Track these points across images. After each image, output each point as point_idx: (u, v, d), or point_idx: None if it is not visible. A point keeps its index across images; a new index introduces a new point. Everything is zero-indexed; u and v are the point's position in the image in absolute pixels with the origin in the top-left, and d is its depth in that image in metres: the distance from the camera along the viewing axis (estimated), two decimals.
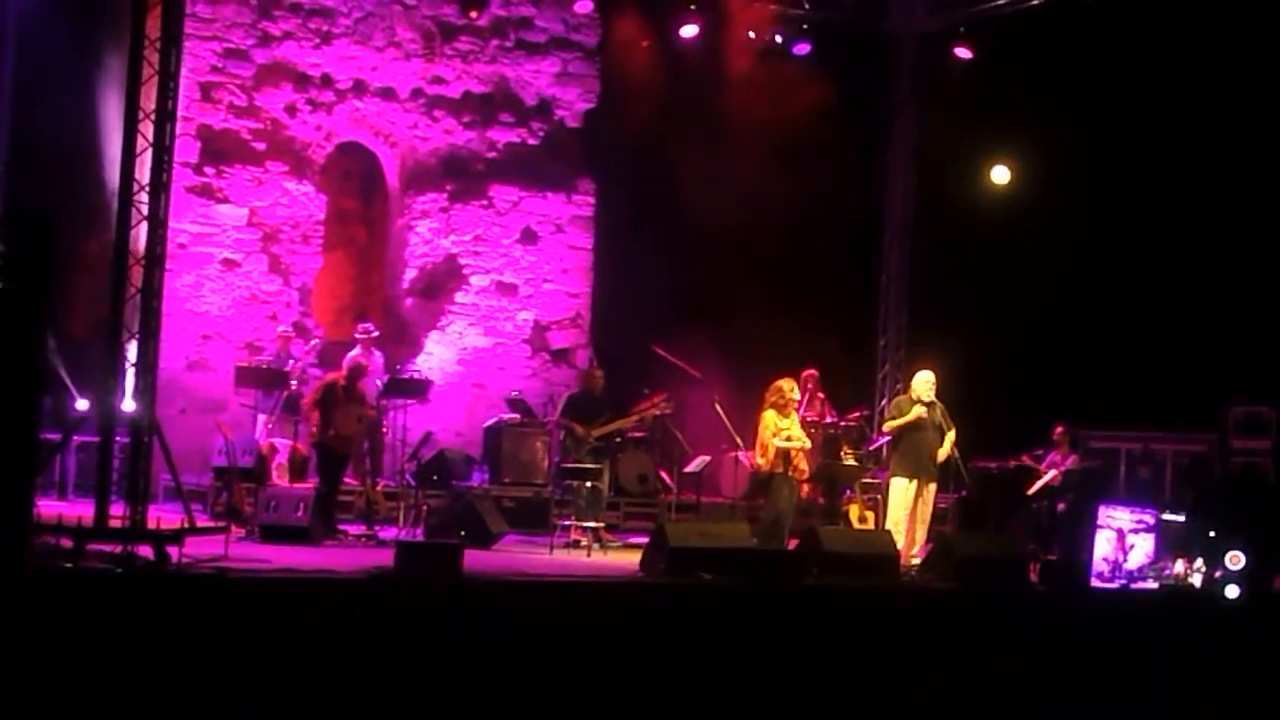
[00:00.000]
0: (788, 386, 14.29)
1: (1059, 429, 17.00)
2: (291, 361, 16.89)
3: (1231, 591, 13.59)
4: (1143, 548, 13.96)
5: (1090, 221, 18.84)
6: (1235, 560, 13.66)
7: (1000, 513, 17.02)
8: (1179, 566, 14.01)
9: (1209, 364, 18.10)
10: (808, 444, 14.44)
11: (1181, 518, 14.68)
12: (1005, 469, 17.26)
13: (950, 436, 14.39)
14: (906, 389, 15.08)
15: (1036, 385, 18.39)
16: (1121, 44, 18.26)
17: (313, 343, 18.34)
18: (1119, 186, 18.79)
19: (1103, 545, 13.79)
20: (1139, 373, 18.49)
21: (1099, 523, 13.86)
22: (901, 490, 14.42)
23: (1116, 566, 13.88)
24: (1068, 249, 18.90)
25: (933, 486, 14.48)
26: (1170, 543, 14.29)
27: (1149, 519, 14.10)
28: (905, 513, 14.32)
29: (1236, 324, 18.40)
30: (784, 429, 14.04)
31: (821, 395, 18.42)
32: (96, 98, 16.36)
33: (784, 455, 13.99)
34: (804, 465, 14.36)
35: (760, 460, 14.08)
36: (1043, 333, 19.18)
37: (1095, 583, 13.66)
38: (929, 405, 14.44)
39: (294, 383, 16.17)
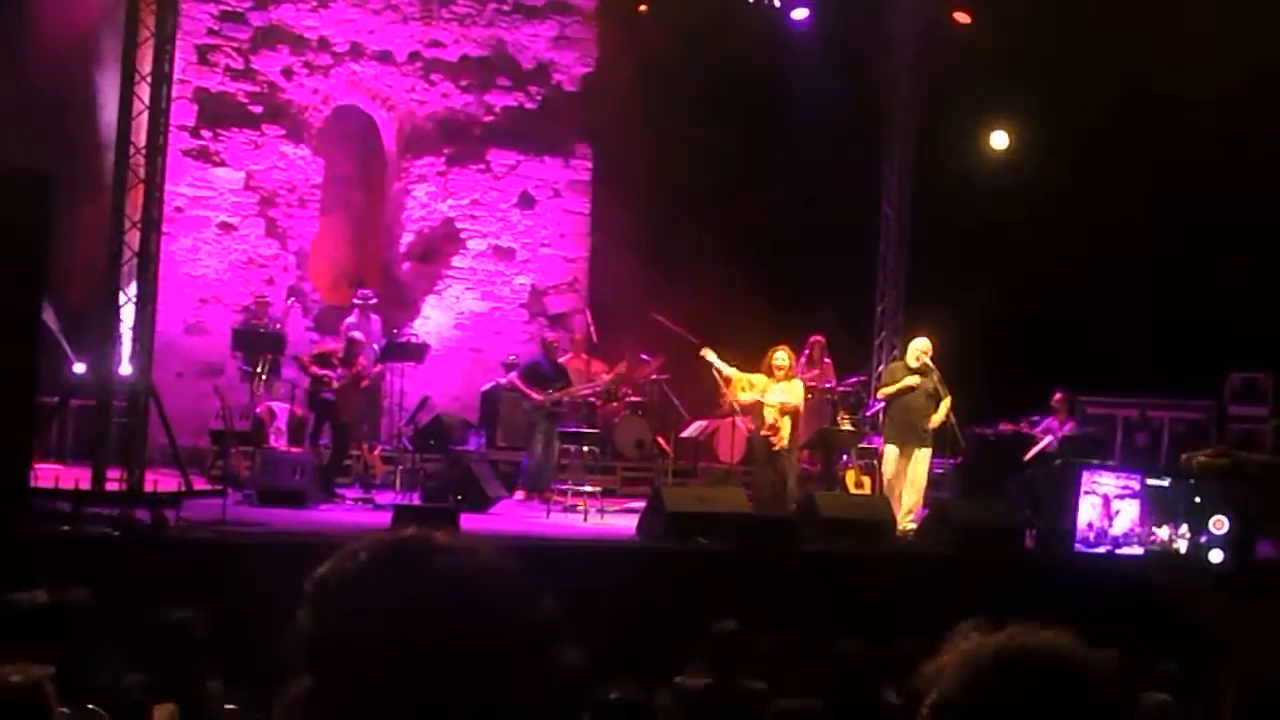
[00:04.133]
0: (771, 351, 14.45)
1: (1058, 395, 16.98)
2: (269, 323, 16.78)
3: (1215, 556, 13.62)
4: (1128, 513, 13.98)
5: (1089, 186, 18.82)
6: (1219, 525, 13.69)
7: (996, 479, 17.03)
8: (1164, 532, 14.04)
9: (1206, 330, 18.08)
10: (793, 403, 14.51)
11: (1166, 483, 14.70)
12: (1002, 435, 17.27)
13: (945, 404, 14.43)
14: (904, 355, 15.13)
15: (1033, 351, 18.37)
16: (1121, 7, 18.21)
17: (290, 301, 18.12)
18: (1118, 151, 18.76)
19: (1088, 511, 13.80)
20: (1136, 339, 18.48)
21: (1085, 488, 13.87)
22: (889, 456, 14.53)
23: (1102, 532, 13.89)
24: (1066, 214, 18.88)
25: (923, 452, 14.47)
26: (1156, 508, 14.32)
27: (1134, 484, 14.12)
28: (894, 478, 14.42)
29: (1234, 290, 18.37)
30: (757, 386, 14.18)
31: (827, 360, 18.42)
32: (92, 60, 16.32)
33: (761, 417, 14.14)
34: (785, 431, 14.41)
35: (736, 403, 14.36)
36: (1040, 299, 19.16)
37: (1079, 548, 13.68)
38: (922, 372, 14.48)
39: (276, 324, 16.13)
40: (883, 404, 15.24)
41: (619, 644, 9.31)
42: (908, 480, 14.38)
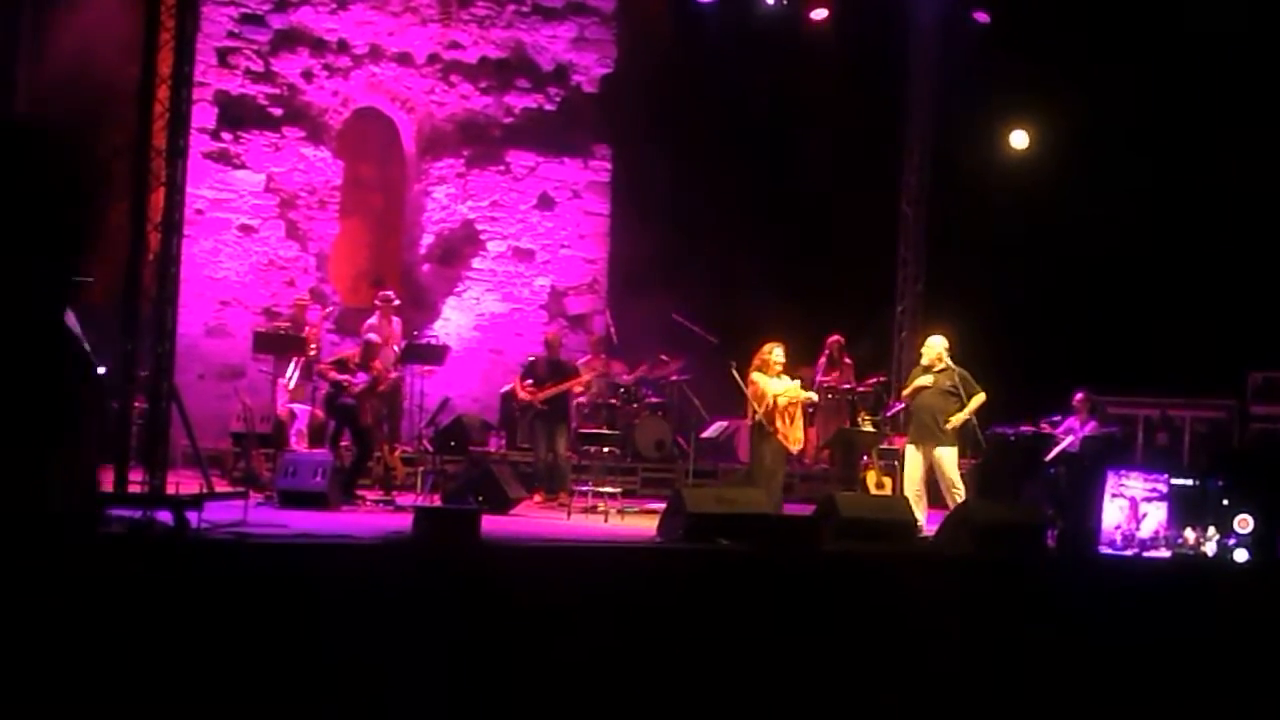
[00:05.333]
0: (766, 349, 14.44)
1: (1079, 395, 16.89)
2: (307, 328, 16.94)
3: (1240, 555, 13.53)
4: (1156, 516, 13.89)
5: (1109, 186, 18.78)
6: (1244, 524, 13.59)
7: (1017, 479, 16.97)
8: (1189, 535, 13.95)
9: (1228, 330, 18.04)
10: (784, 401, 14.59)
11: (1191, 482, 14.60)
12: (1022, 435, 17.21)
13: (973, 401, 14.37)
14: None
15: (1054, 351, 18.35)
16: (1141, 5, 18.17)
17: (328, 309, 18.36)
18: (1138, 150, 18.72)
19: (1115, 514, 13.72)
20: (1157, 339, 18.44)
21: (1112, 491, 13.80)
22: (906, 456, 14.54)
23: (1129, 536, 13.81)
24: (1086, 214, 18.84)
25: (942, 451, 14.40)
26: (1183, 510, 14.22)
27: (1162, 487, 14.04)
28: (912, 478, 14.42)
29: (1256, 289, 18.33)
30: (774, 390, 14.28)
31: (848, 361, 18.41)
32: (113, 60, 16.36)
33: (768, 415, 14.15)
34: (789, 430, 14.47)
35: (756, 410, 14.21)
36: (1060, 298, 19.13)
37: (1105, 550, 13.61)
38: (938, 370, 14.46)
39: (312, 348, 16.20)
40: (903, 405, 15.25)
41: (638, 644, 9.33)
42: (945, 482, 14.37)
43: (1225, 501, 14.00)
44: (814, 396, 15.22)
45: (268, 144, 18.40)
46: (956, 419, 14.37)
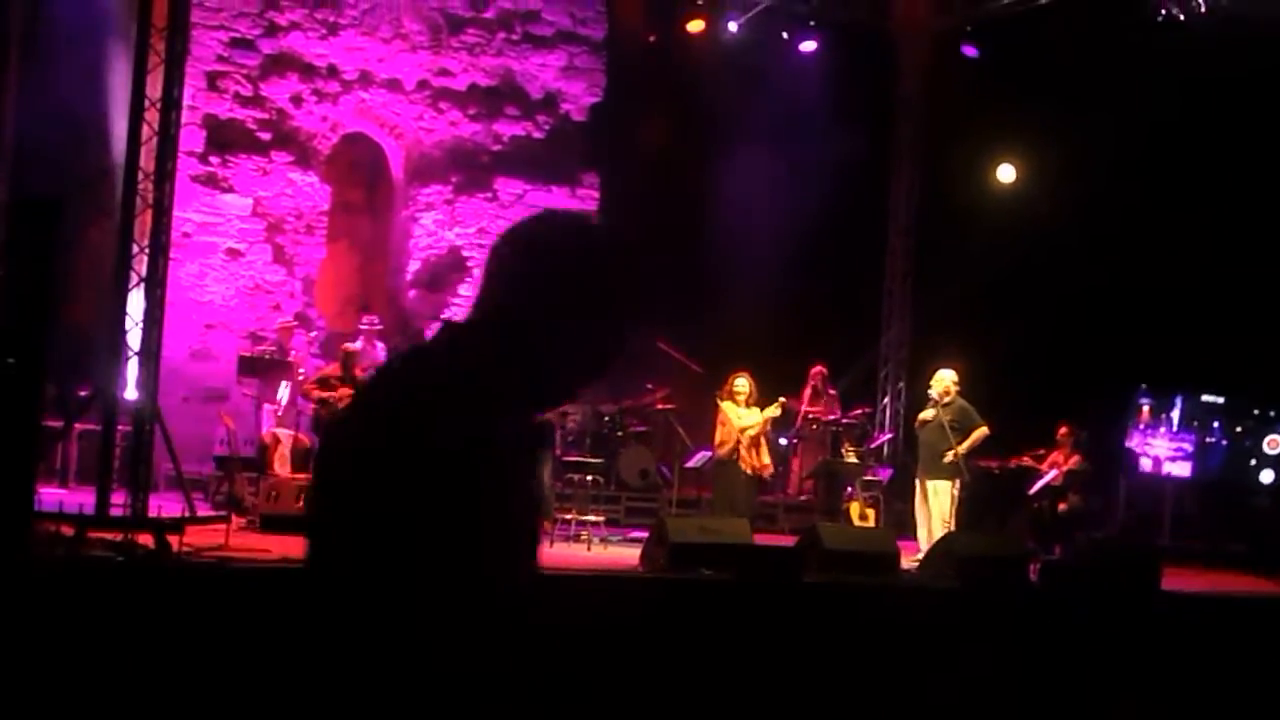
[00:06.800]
0: (732, 379, 15.00)
1: (1063, 429, 16.93)
2: (292, 353, 16.90)
3: (1266, 477, 13.07)
4: (1179, 474, 13.60)
5: (1095, 220, 18.83)
6: (1273, 445, 13.14)
7: (1002, 512, 16.98)
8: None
9: (1215, 364, 18.07)
10: (750, 432, 14.84)
11: (1221, 400, 14.11)
12: (1007, 468, 17.23)
13: (974, 435, 14.40)
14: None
15: (1039, 385, 18.37)
16: (1126, 42, 18.24)
17: (313, 334, 18.33)
18: (1123, 184, 18.78)
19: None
20: (1142, 374, 18.47)
21: (1139, 450, 13.50)
22: (917, 485, 14.59)
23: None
24: (1072, 248, 18.90)
25: (935, 484, 14.42)
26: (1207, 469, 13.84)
27: (1188, 446, 13.76)
28: (918, 510, 14.51)
29: (1245, 325, 18.36)
30: (739, 419, 14.68)
31: (832, 391, 18.40)
32: (104, 83, 16.37)
33: (734, 444, 14.60)
34: (754, 457, 14.73)
35: (724, 440, 14.79)
36: (1047, 331, 19.16)
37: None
38: (944, 404, 14.46)
39: (300, 373, 16.17)
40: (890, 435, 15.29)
41: (619, 674, 9.30)
42: (928, 514, 14.44)
43: (1252, 462, 13.40)
44: (777, 411, 15.29)
45: (256, 168, 18.40)
46: (951, 454, 14.35)
